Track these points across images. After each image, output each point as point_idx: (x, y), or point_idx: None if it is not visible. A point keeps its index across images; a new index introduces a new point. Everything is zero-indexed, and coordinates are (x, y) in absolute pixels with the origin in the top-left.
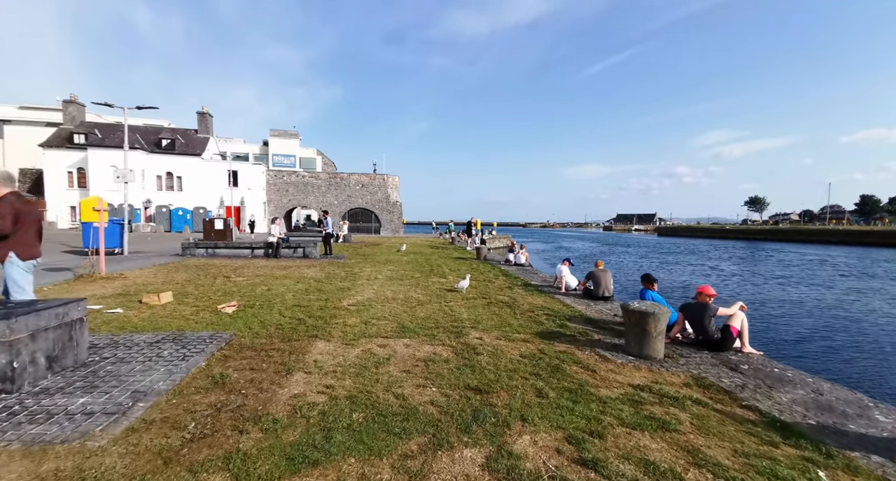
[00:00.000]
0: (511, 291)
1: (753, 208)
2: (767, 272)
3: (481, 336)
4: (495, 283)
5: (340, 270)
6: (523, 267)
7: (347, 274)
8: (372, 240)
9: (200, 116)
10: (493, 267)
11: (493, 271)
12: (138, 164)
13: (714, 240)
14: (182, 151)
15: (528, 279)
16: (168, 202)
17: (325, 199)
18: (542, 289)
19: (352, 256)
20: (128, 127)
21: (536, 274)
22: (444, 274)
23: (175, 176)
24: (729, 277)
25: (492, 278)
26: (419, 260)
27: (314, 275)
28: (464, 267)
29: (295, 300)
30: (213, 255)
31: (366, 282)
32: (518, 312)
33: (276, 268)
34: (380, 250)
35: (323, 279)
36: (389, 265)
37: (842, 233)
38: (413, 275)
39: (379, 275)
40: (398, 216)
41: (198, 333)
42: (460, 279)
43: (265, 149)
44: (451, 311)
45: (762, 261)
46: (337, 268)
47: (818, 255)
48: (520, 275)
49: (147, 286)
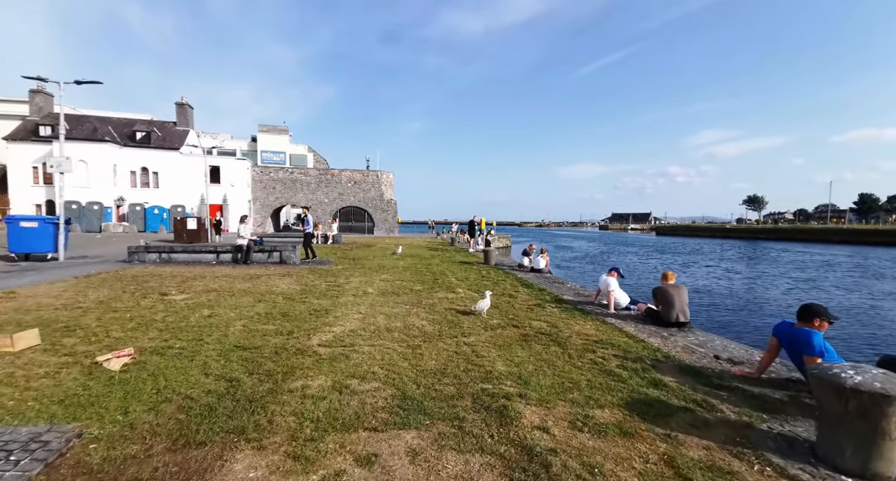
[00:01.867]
0: (543, 311)
1: (752, 207)
2: (795, 274)
3: (542, 418)
4: (518, 299)
5: (321, 281)
6: (542, 274)
7: (329, 286)
8: (364, 240)
9: (179, 108)
10: (506, 274)
11: (510, 280)
12: (109, 159)
13: (715, 240)
14: (159, 145)
15: (558, 291)
16: (143, 200)
17: (314, 197)
18: (583, 307)
19: (339, 260)
20: (99, 118)
21: (563, 284)
22: (452, 285)
23: (151, 171)
24: (755, 280)
25: (511, 291)
26: (418, 265)
27: (286, 289)
28: (472, 274)
29: (243, 335)
30: (167, 261)
31: (352, 299)
32: (574, 353)
33: (240, 279)
34: (372, 253)
35: (295, 295)
36: (383, 273)
37: (845, 231)
38: (413, 288)
39: (370, 287)
40: (393, 215)
41: (11, 429)
42: (474, 294)
43: (253, 145)
44: (475, 355)
45: (775, 262)
46: (318, 277)
47: (832, 255)
48: (545, 286)
49: (27, 314)
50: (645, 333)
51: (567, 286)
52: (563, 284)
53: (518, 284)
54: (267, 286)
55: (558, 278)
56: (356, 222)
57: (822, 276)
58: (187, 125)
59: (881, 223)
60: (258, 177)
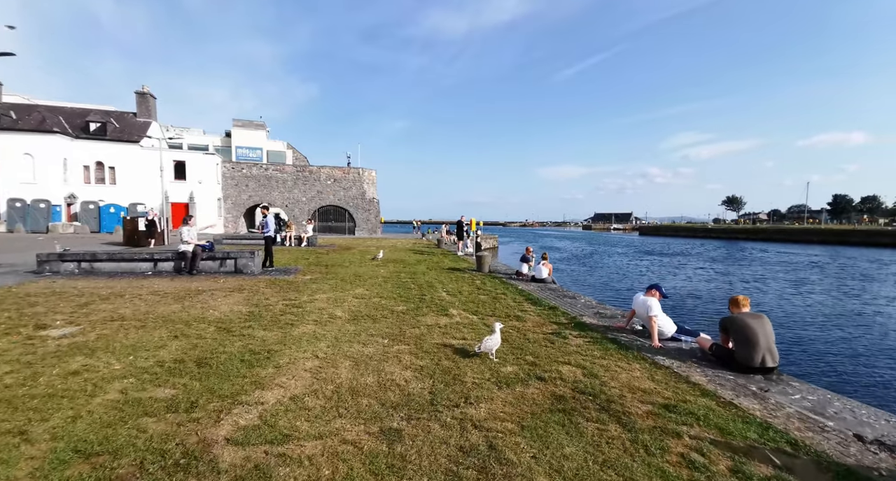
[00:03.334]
0: (567, 345)
1: (731, 207)
2: (787, 276)
3: None
4: (528, 322)
5: (279, 298)
6: (546, 284)
7: (287, 306)
8: (344, 242)
9: (140, 97)
10: (505, 285)
11: (511, 293)
12: (59, 152)
13: (696, 240)
14: (116, 137)
15: (573, 310)
16: (98, 197)
17: (291, 195)
18: (615, 336)
19: (309, 268)
20: (50, 107)
21: (576, 298)
22: (443, 304)
23: (107, 166)
24: (752, 283)
25: (517, 310)
26: (402, 274)
27: (226, 313)
28: (465, 286)
29: (106, 416)
30: (89, 272)
31: (311, 329)
32: (650, 441)
33: (171, 298)
34: (350, 257)
35: (235, 323)
36: (358, 285)
37: (824, 232)
38: (394, 308)
39: (338, 308)
40: (375, 215)
41: None
42: (472, 316)
43: (228, 141)
44: (494, 456)
45: (765, 263)
46: (277, 292)
47: (815, 256)
48: (555, 303)
49: None
50: (727, 388)
51: (581, 301)
52: (576, 299)
53: (523, 300)
54: (202, 308)
55: (566, 290)
56: (336, 222)
57: (809, 278)
58: (149, 116)
59: (855, 223)
60: (229, 174)
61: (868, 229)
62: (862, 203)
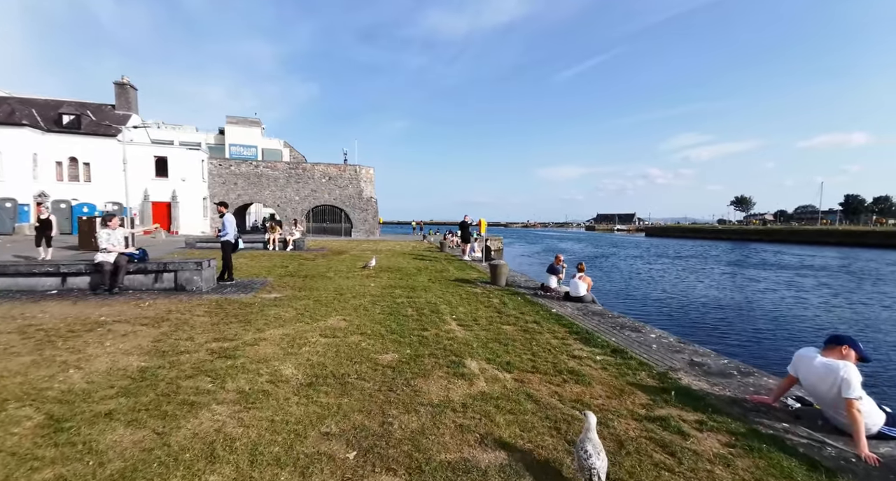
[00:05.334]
0: (696, 456)
1: (739, 208)
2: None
3: None
4: (594, 385)
5: (208, 337)
6: (586, 304)
7: (209, 357)
8: (337, 245)
9: (119, 88)
10: (532, 306)
11: (546, 322)
12: (28, 146)
13: (706, 241)
14: (91, 131)
15: (650, 356)
16: (71, 196)
17: (283, 194)
18: (759, 421)
19: (282, 280)
20: (21, 99)
21: (639, 330)
22: (456, 347)
23: (81, 162)
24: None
25: (565, 357)
26: (397, 291)
27: (91, 377)
28: (482, 309)
29: None
30: None
31: (225, 415)
32: None
33: (42, 338)
34: (337, 265)
35: (91, 401)
36: (335, 310)
37: (840, 233)
38: (379, 360)
39: (290, 361)
40: (373, 215)
41: None
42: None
43: (221, 138)
44: None
45: (804, 268)
46: (212, 324)
47: (846, 259)
48: (616, 340)
49: None
50: None
51: (652, 336)
52: (641, 331)
53: (566, 334)
54: (61, 365)
55: (614, 313)
56: (331, 223)
57: (854, 286)
58: (129, 109)
59: (872, 225)
60: (216, 171)
61: (886, 230)
62: (874, 203)
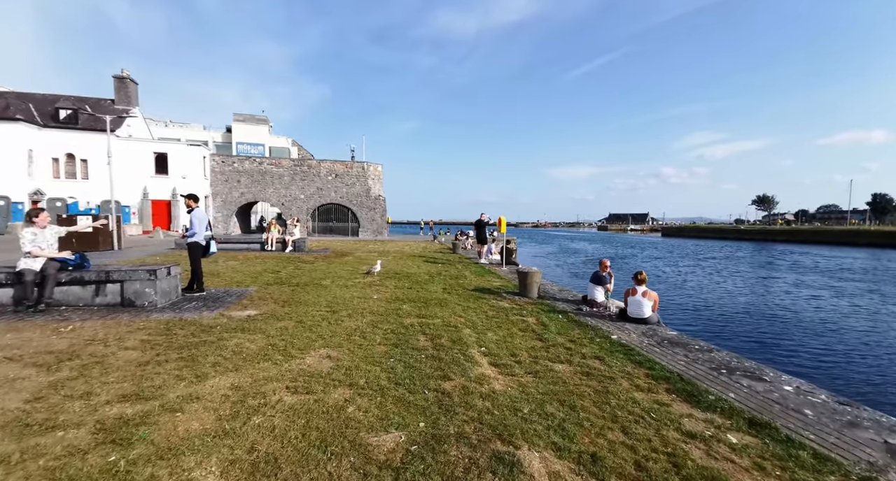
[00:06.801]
0: None
1: (762, 207)
2: None
3: None
4: None
5: (116, 393)
6: (651, 327)
7: (86, 450)
8: (342, 245)
9: (118, 82)
10: (583, 329)
11: (618, 360)
12: (23, 142)
13: (726, 241)
14: (89, 126)
15: (814, 436)
16: (68, 194)
17: (288, 192)
18: None
19: (267, 290)
20: (18, 94)
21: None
22: (495, 417)
23: (79, 159)
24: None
25: (671, 433)
26: (405, 307)
27: None
28: (518, 335)
29: None
30: None
31: None
32: None
33: None
34: (338, 269)
35: None
36: (322, 338)
37: (872, 233)
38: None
39: (210, 465)
40: (381, 214)
41: None
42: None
43: (228, 136)
44: None
45: (845, 272)
46: (136, 366)
47: (888, 261)
48: (736, 399)
49: None
50: None
51: (786, 388)
52: (768, 380)
53: (656, 384)
54: None
55: (709, 346)
56: (338, 222)
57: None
58: (129, 103)
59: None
60: (219, 169)
61: None
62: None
